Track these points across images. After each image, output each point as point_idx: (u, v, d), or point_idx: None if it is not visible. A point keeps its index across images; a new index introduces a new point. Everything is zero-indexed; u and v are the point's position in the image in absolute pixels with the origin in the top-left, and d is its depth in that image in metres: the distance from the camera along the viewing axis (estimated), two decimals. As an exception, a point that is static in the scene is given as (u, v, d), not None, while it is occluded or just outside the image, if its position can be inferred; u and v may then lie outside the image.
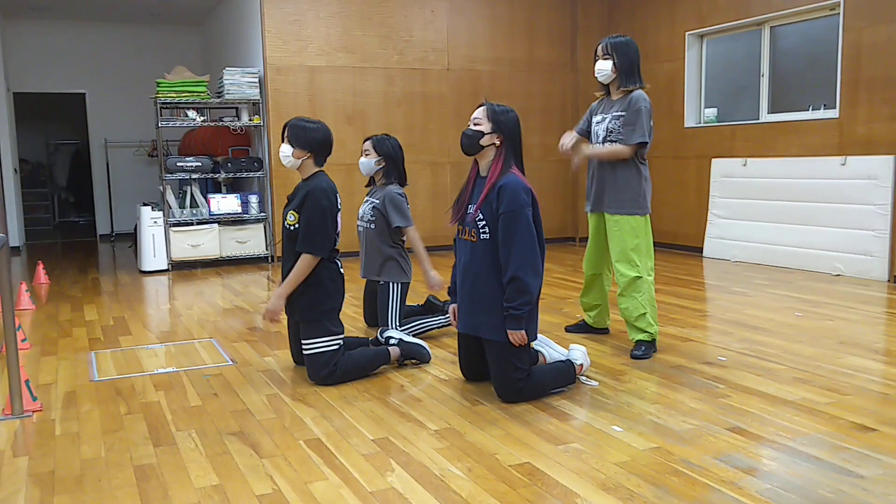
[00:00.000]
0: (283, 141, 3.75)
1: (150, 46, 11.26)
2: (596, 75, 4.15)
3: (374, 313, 4.67)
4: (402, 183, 4.62)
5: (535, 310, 3.39)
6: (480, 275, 3.36)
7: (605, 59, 4.08)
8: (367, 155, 4.58)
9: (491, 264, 3.33)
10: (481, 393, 3.52)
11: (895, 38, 6.07)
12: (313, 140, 3.70)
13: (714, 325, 4.86)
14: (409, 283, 4.56)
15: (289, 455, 2.85)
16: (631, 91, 4.07)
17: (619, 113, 4.06)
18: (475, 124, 3.39)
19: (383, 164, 4.56)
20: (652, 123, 4.08)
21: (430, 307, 4.89)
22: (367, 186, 4.77)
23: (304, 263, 3.61)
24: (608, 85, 4.19)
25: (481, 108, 3.41)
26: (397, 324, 4.46)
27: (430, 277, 4.49)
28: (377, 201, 4.52)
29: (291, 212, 3.69)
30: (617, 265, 4.15)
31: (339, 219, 3.76)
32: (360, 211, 4.67)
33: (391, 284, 4.48)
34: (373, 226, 4.53)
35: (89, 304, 6.01)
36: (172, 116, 7.85)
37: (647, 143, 4.04)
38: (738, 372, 3.78)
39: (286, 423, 3.21)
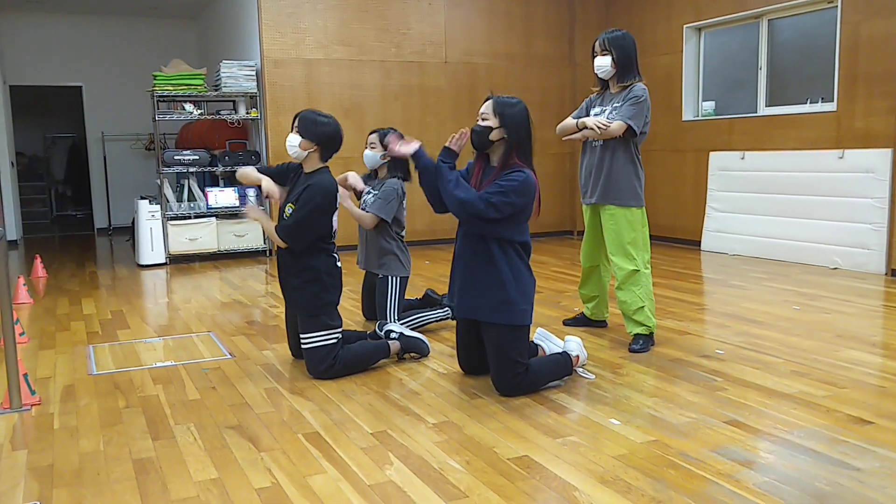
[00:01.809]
0: (291, 131, 3.71)
1: (146, 39, 11.23)
2: (595, 71, 4.15)
3: (373, 307, 4.67)
4: (406, 178, 4.61)
5: (532, 294, 3.40)
6: (476, 258, 3.37)
7: (604, 54, 4.08)
8: (372, 148, 4.58)
9: (488, 248, 3.33)
10: (480, 386, 3.53)
11: (893, 31, 6.07)
12: (322, 134, 3.67)
13: (712, 319, 4.87)
14: (408, 277, 4.56)
15: (287, 448, 2.85)
16: (629, 85, 4.07)
17: (618, 104, 4.06)
18: (483, 119, 3.38)
19: (388, 157, 4.56)
20: (649, 118, 4.07)
21: (429, 301, 4.90)
22: (369, 179, 4.75)
23: (275, 237, 3.64)
24: (607, 80, 4.18)
25: (489, 103, 3.37)
26: (396, 317, 4.46)
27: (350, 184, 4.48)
28: (376, 192, 4.52)
29: (290, 204, 3.68)
30: (614, 258, 4.15)
31: (335, 218, 3.74)
32: (361, 202, 4.66)
33: (390, 278, 4.48)
34: None
35: (87, 298, 6.01)
36: (169, 109, 7.83)
37: (637, 130, 4.00)
38: (736, 365, 3.79)
39: (285, 416, 3.21)
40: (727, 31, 7.82)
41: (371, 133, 4.63)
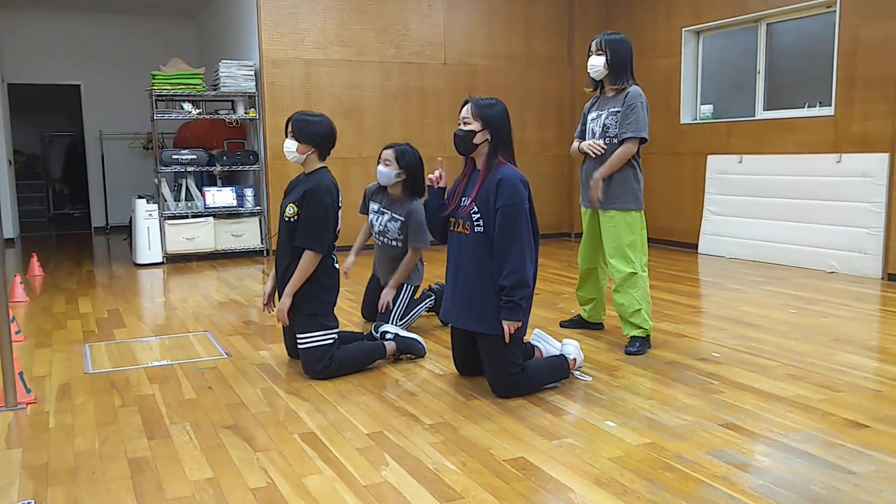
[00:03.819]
0: (286, 136, 3.73)
1: (145, 38, 11.22)
2: (588, 71, 4.16)
3: (373, 308, 4.66)
4: (420, 195, 4.52)
5: (530, 304, 3.40)
6: (471, 268, 3.36)
7: (599, 55, 4.09)
8: (387, 165, 4.44)
9: (482, 257, 3.33)
10: (476, 387, 3.53)
11: (891, 35, 6.08)
12: (317, 134, 3.69)
13: (708, 322, 4.87)
14: (420, 285, 4.60)
15: (283, 448, 2.85)
16: (623, 88, 4.07)
17: (616, 109, 4.07)
18: (464, 123, 3.38)
19: (403, 176, 4.46)
20: (648, 119, 4.08)
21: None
22: (378, 193, 4.67)
23: (308, 260, 3.60)
24: (601, 81, 4.19)
25: (467, 106, 3.38)
26: (398, 322, 4.47)
27: (383, 294, 4.50)
28: (402, 218, 4.45)
29: (291, 204, 3.68)
30: (612, 261, 4.15)
31: (339, 216, 3.75)
32: (380, 224, 4.56)
33: (405, 285, 4.54)
34: (399, 244, 4.50)
35: (84, 297, 6.00)
36: (168, 109, 7.82)
37: (647, 137, 4.04)
38: (732, 368, 3.79)
39: (281, 416, 3.21)
40: (726, 35, 7.83)
41: (386, 148, 4.50)
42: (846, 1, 6.40)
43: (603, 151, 4.10)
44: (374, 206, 4.64)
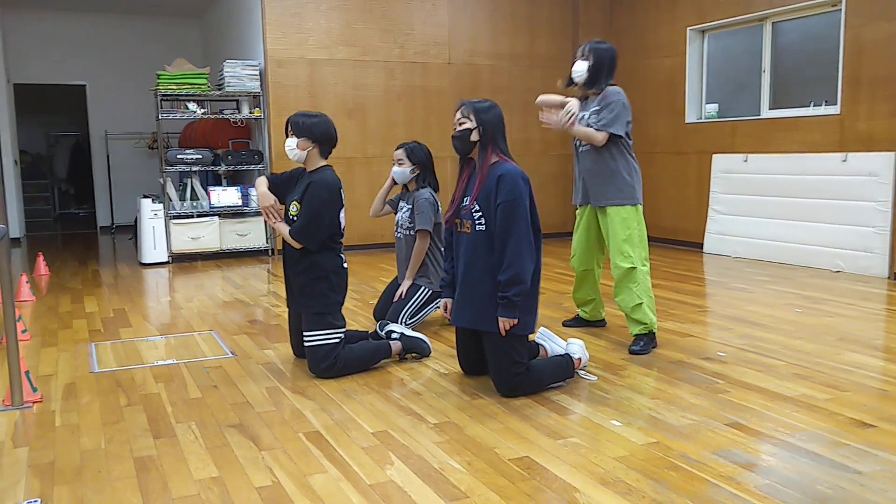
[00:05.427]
0: (286, 136, 3.75)
1: (150, 38, 11.24)
2: (572, 74, 4.21)
3: (384, 308, 4.66)
4: (435, 188, 4.68)
5: (535, 304, 3.40)
6: (474, 266, 3.37)
7: (583, 60, 4.15)
8: (400, 164, 4.62)
9: (485, 255, 3.33)
10: (481, 387, 3.53)
11: (897, 34, 6.06)
12: (316, 130, 3.71)
13: (714, 321, 4.86)
14: (438, 292, 4.58)
15: (288, 448, 2.85)
16: (601, 91, 4.11)
17: (595, 108, 4.11)
18: (460, 124, 3.42)
19: (417, 171, 4.63)
20: (629, 118, 4.10)
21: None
22: (401, 195, 4.80)
23: (291, 241, 3.66)
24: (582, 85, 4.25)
25: (461, 108, 3.44)
26: (407, 320, 4.48)
27: (402, 286, 4.58)
28: (410, 205, 4.59)
29: (294, 202, 3.70)
30: (611, 258, 4.17)
31: (342, 215, 3.75)
32: (398, 218, 4.72)
33: (423, 287, 4.56)
34: (411, 232, 4.58)
35: (89, 296, 6.02)
36: (173, 109, 7.83)
37: (621, 135, 4.04)
38: (738, 368, 3.79)
39: (286, 415, 3.21)
40: (731, 34, 7.81)
41: (397, 149, 4.67)
42: (851, 0, 6.38)
43: (571, 122, 4.06)
44: (401, 205, 4.73)
